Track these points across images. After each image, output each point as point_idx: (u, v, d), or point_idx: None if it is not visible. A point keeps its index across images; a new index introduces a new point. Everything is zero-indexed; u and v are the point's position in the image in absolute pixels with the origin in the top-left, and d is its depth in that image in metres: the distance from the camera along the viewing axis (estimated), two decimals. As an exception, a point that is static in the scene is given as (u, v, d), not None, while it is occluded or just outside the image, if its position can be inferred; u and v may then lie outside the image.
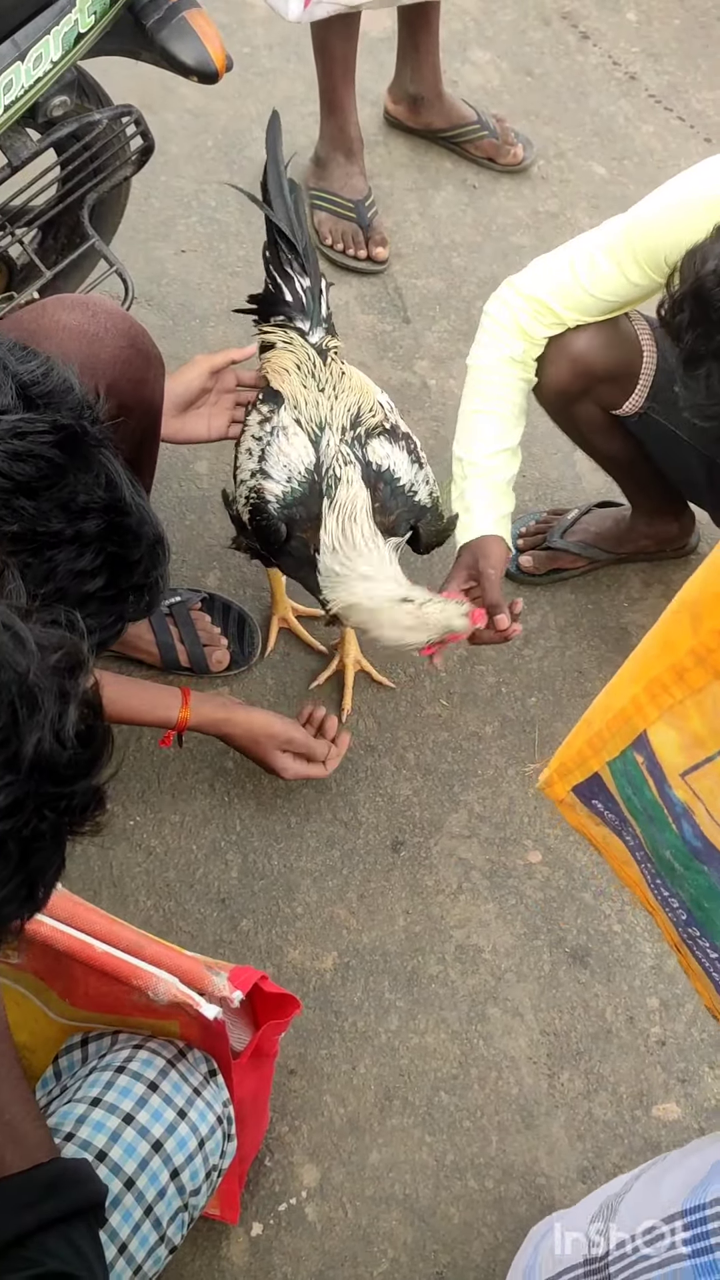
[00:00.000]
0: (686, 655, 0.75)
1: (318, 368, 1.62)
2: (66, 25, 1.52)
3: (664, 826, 0.87)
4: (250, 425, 1.61)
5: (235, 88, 2.53)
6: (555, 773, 1.00)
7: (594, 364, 1.64)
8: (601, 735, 0.89)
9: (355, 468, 1.52)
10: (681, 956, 1.02)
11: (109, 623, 0.98)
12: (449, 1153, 1.50)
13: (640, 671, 0.82)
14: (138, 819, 1.70)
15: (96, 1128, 1.02)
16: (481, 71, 2.70)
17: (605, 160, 2.60)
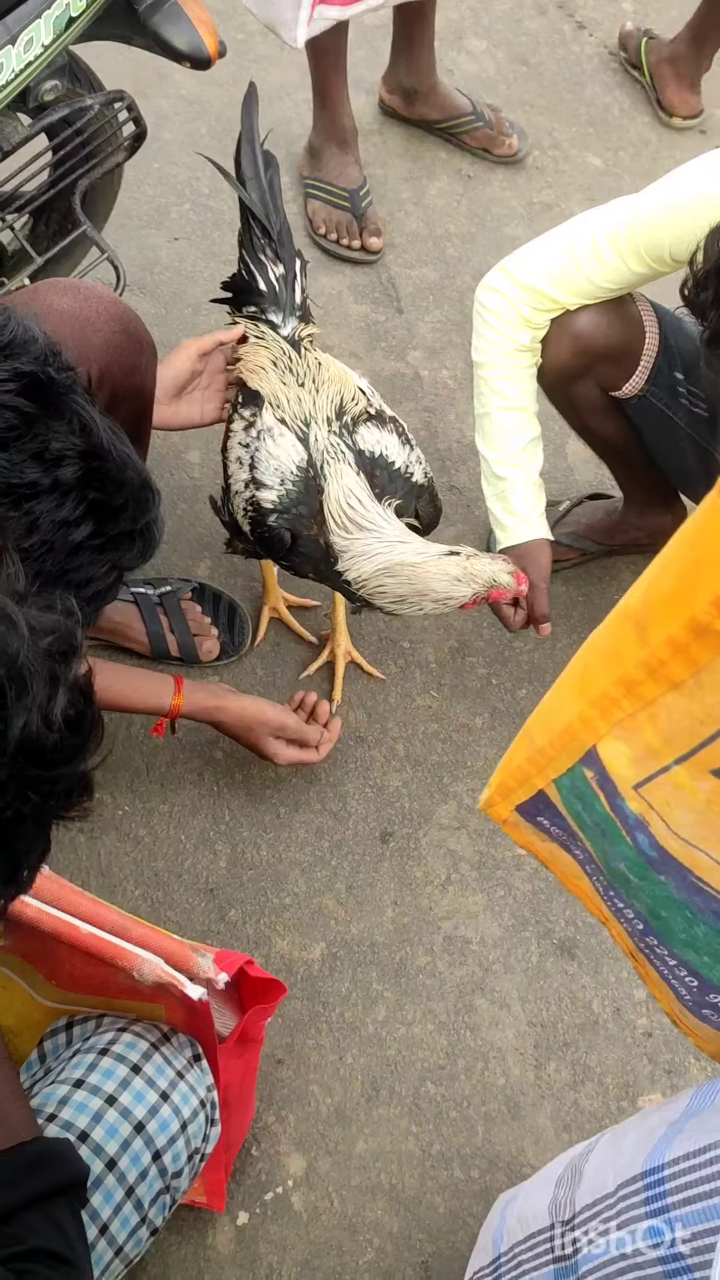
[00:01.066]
0: (636, 668, 0.71)
1: (294, 361, 1.59)
2: (58, 9, 1.50)
3: (617, 840, 0.85)
4: (235, 433, 1.59)
5: (229, 74, 2.51)
6: (496, 792, 0.97)
7: (595, 343, 1.63)
8: (545, 752, 0.86)
9: (348, 456, 1.52)
10: (637, 964, 1.01)
11: (103, 573, 0.97)
12: (435, 1143, 1.51)
13: (584, 685, 0.79)
14: (126, 808, 1.70)
15: (79, 1109, 1.02)
16: (477, 60, 2.69)
17: (600, 151, 2.59)
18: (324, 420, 1.54)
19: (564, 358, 1.65)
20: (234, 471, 1.58)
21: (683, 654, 0.67)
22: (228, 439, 1.61)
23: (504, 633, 1.92)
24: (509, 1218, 1.13)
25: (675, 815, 0.78)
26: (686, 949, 0.91)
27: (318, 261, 2.31)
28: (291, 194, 2.41)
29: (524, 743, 0.91)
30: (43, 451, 0.92)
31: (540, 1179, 1.14)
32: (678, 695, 0.70)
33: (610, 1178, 0.97)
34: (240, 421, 1.58)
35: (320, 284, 2.28)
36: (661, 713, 0.72)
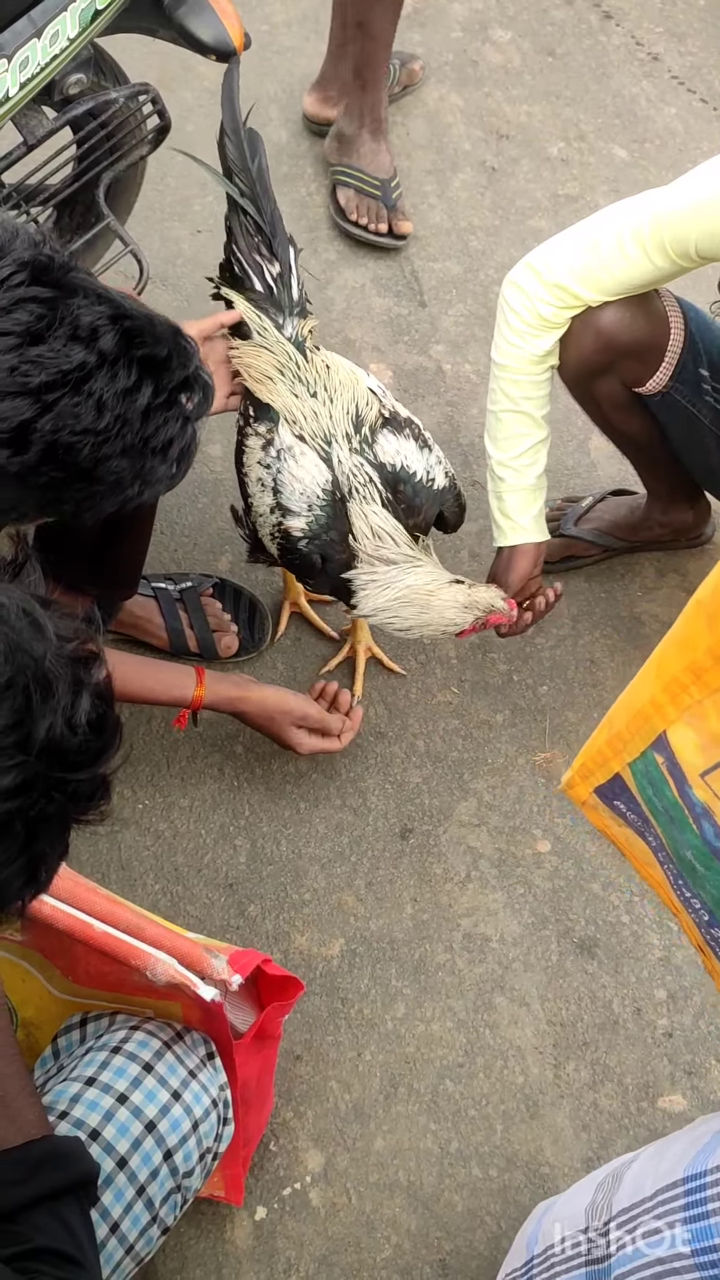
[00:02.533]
0: (704, 655, 0.74)
1: (301, 368, 1.55)
2: (84, 2, 1.50)
3: (685, 827, 0.86)
4: (251, 450, 1.56)
5: (253, 65, 2.50)
6: (577, 774, 1.00)
7: (619, 338, 1.62)
8: (622, 736, 0.88)
9: (374, 481, 1.50)
10: (706, 959, 1.01)
11: (180, 430, 1.02)
12: (453, 1140, 1.51)
13: (659, 671, 0.81)
14: (146, 803, 1.71)
15: (90, 1107, 1.02)
16: (502, 51, 2.66)
17: (627, 142, 2.56)
18: (343, 437, 1.52)
19: (587, 353, 1.64)
20: (256, 494, 1.56)
21: None
22: (243, 455, 1.58)
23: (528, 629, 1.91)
24: (545, 1222, 1.13)
25: None
26: None
27: (340, 254, 2.31)
28: (284, 173, 2.40)
29: (605, 727, 0.93)
30: (76, 331, 0.95)
31: (582, 1185, 1.14)
32: None
33: (650, 1183, 0.96)
34: (256, 439, 1.55)
35: (343, 277, 2.27)
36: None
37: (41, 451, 0.97)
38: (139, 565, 1.67)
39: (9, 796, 0.71)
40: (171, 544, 1.93)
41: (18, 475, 0.98)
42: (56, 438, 0.96)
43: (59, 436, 0.96)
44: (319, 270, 2.27)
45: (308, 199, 2.37)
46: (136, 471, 1.03)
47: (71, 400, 0.95)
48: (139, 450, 1.01)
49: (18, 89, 1.49)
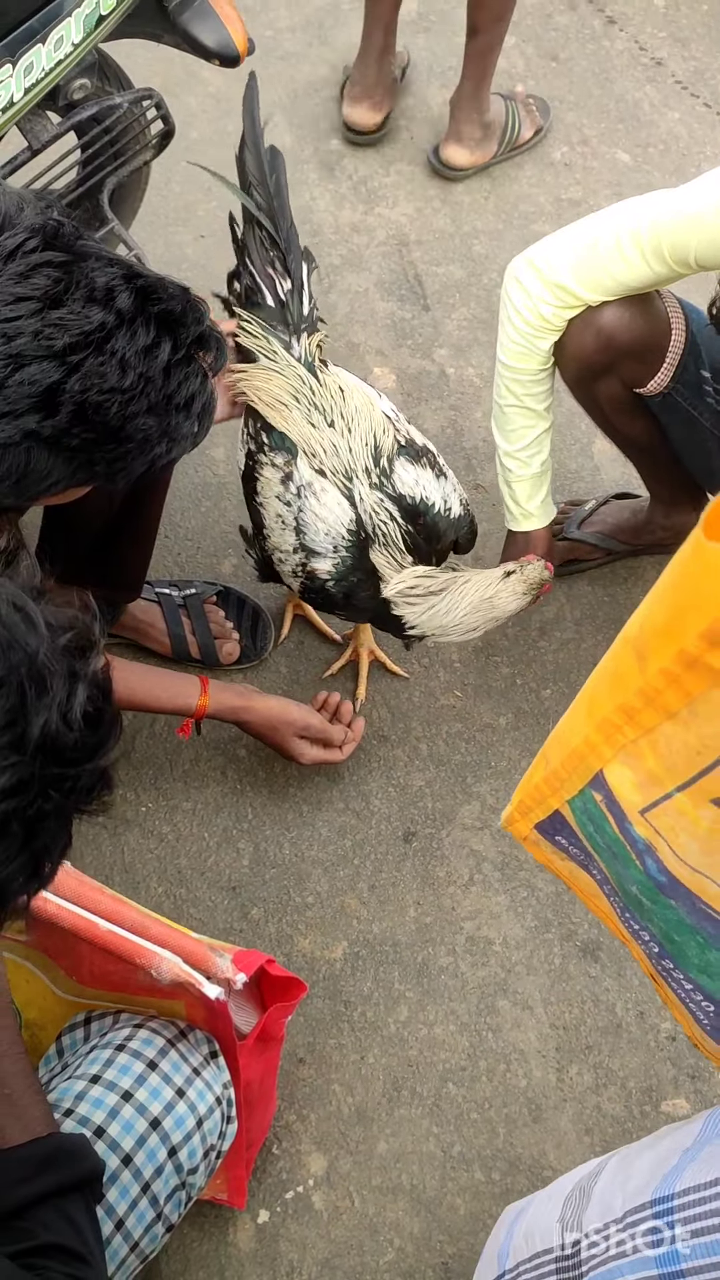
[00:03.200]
0: (635, 695, 0.71)
1: (316, 393, 1.53)
2: (88, 7, 1.50)
3: (628, 863, 0.85)
4: (268, 481, 1.54)
5: (257, 71, 2.50)
6: (516, 810, 0.98)
7: (620, 338, 1.62)
8: (559, 774, 0.87)
9: (393, 514, 1.50)
10: (659, 987, 1.01)
11: (200, 385, 1.04)
12: (456, 1144, 1.51)
13: (591, 709, 0.79)
14: (150, 805, 1.71)
15: (95, 1104, 1.02)
16: (506, 56, 2.67)
17: (630, 147, 2.57)
18: (364, 471, 1.51)
19: (588, 352, 1.64)
20: (275, 529, 1.54)
21: (676, 684, 0.67)
22: (257, 484, 1.56)
23: (528, 632, 1.92)
24: (516, 1233, 1.12)
25: (680, 842, 0.78)
26: (701, 974, 0.90)
27: (344, 259, 2.31)
28: (288, 178, 2.41)
29: (541, 763, 0.92)
30: (93, 292, 0.97)
31: (548, 1194, 1.13)
32: (674, 724, 0.70)
33: (619, 1202, 0.96)
34: (274, 470, 1.53)
35: (346, 281, 2.28)
36: (661, 740, 0.72)
37: (71, 413, 0.98)
38: (143, 568, 1.67)
39: (5, 797, 0.71)
40: (175, 547, 1.94)
41: (50, 440, 0.99)
42: (85, 398, 0.97)
43: (87, 397, 0.97)
44: (323, 274, 2.28)
45: (311, 204, 2.38)
46: (163, 429, 1.04)
47: (96, 360, 0.97)
48: (164, 407, 1.02)
49: (22, 94, 1.50)
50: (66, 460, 1.02)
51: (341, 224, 2.35)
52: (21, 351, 0.95)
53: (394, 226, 2.37)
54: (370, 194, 2.40)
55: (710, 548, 0.62)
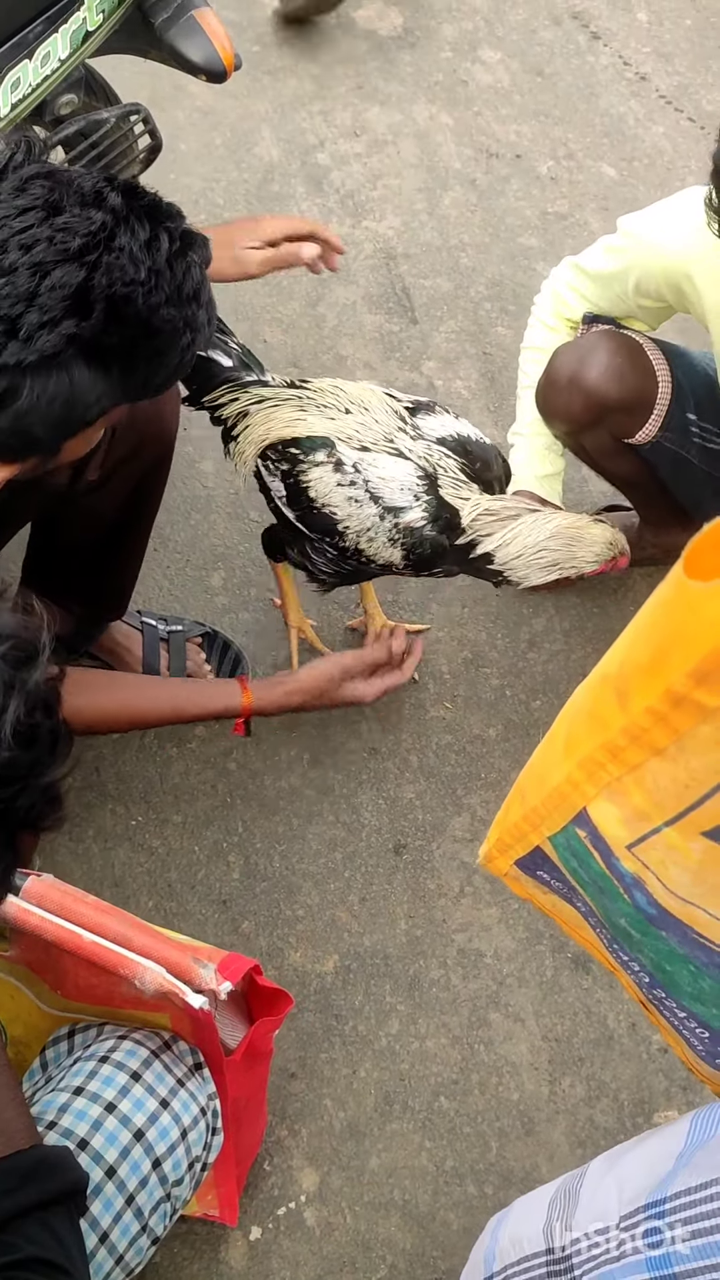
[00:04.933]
0: (619, 734, 0.71)
1: (317, 398, 1.55)
2: (75, 23, 1.51)
3: (615, 897, 0.85)
4: (322, 480, 1.51)
5: (244, 86, 2.52)
6: (495, 848, 0.97)
7: (607, 397, 1.65)
8: (538, 811, 0.86)
9: (447, 453, 1.51)
10: (649, 1014, 1.01)
11: (201, 277, 1.08)
12: (449, 1158, 1.50)
13: (570, 748, 0.78)
14: (139, 819, 1.70)
15: (78, 1116, 1.01)
16: (492, 71, 2.69)
17: (615, 161, 2.58)
18: (399, 430, 1.52)
19: (575, 412, 1.67)
20: (353, 514, 1.51)
21: (663, 722, 0.67)
22: (311, 495, 1.53)
23: (518, 643, 1.92)
24: (501, 1237, 1.12)
25: (671, 874, 0.77)
26: (694, 1002, 0.90)
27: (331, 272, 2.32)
28: (275, 191, 2.42)
29: (517, 800, 0.91)
30: (84, 197, 1.00)
31: (534, 1198, 1.12)
32: (661, 761, 0.70)
33: (613, 1207, 0.95)
34: (321, 468, 1.51)
35: (334, 294, 2.28)
36: (648, 777, 0.72)
37: (104, 311, 1.00)
38: (129, 587, 1.67)
39: None
40: (165, 560, 1.93)
41: (90, 346, 1.00)
42: (112, 292, 1.00)
43: (114, 291, 1.00)
44: (310, 288, 2.28)
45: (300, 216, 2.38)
46: (186, 319, 1.06)
47: (110, 256, 0.99)
48: (178, 298, 1.05)
49: (9, 109, 1.50)
50: (107, 371, 1.03)
51: (329, 237, 2.36)
52: (43, 260, 0.97)
53: (381, 240, 2.38)
54: (357, 207, 2.41)
55: (692, 587, 0.62)
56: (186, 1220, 1.40)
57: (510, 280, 2.35)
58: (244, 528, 1.98)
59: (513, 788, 0.91)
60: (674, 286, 1.57)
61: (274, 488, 1.59)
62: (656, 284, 1.59)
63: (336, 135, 2.51)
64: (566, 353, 1.68)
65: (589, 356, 1.65)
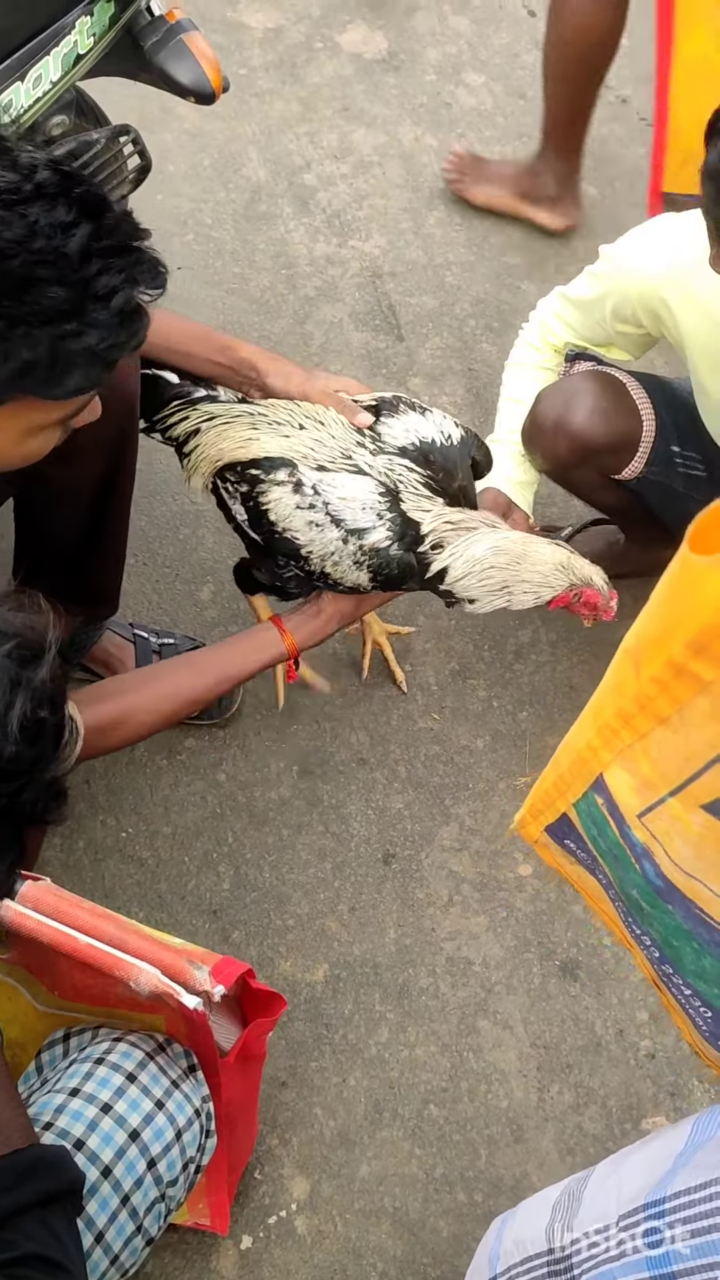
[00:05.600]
0: (631, 701, 0.75)
1: (270, 414, 1.49)
2: (66, 46, 1.54)
3: (628, 867, 0.87)
4: (281, 503, 1.47)
5: (232, 108, 2.56)
6: (528, 813, 1.01)
7: (593, 441, 1.67)
8: (565, 778, 0.89)
9: (408, 466, 1.47)
10: (662, 994, 1.03)
11: (122, 282, 1.02)
12: (439, 1166, 1.51)
13: (595, 715, 0.82)
14: (130, 831, 1.71)
15: (74, 1117, 1.02)
16: (475, 94, 2.73)
17: (598, 181, 2.62)
18: (357, 446, 1.48)
19: (561, 455, 1.69)
20: (314, 539, 1.47)
21: (667, 691, 0.70)
22: (271, 516, 1.48)
23: (504, 655, 1.94)
24: (505, 1238, 1.13)
25: (675, 846, 0.80)
26: (697, 979, 0.92)
27: (318, 290, 2.35)
28: (261, 211, 2.44)
29: (553, 768, 0.94)
30: (14, 162, 0.97)
31: (538, 1201, 1.14)
32: (665, 730, 0.72)
33: (613, 1207, 0.97)
34: (280, 488, 1.47)
35: (322, 312, 2.31)
36: (654, 746, 0.75)
37: None
38: (117, 579, 1.67)
39: None
40: (154, 574, 1.95)
41: None
42: None
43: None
44: (298, 306, 2.31)
45: (286, 236, 2.41)
46: (75, 307, 1.01)
47: (2, 211, 0.97)
48: (78, 288, 1.01)
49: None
50: None
51: (316, 256, 2.39)
52: None
53: (368, 259, 2.41)
54: (344, 227, 2.45)
55: (694, 560, 0.64)
56: (178, 1230, 1.40)
57: (494, 298, 2.39)
58: (233, 542, 1.99)
59: (552, 758, 0.95)
60: (650, 311, 1.60)
61: (234, 509, 1.55)
62: (633, 308, 1.61)
63: (323, 156, 2.55)
64: (551, 396, 1.69)
65: (574, 400, 1.66)
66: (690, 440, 1.72)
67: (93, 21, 1.56)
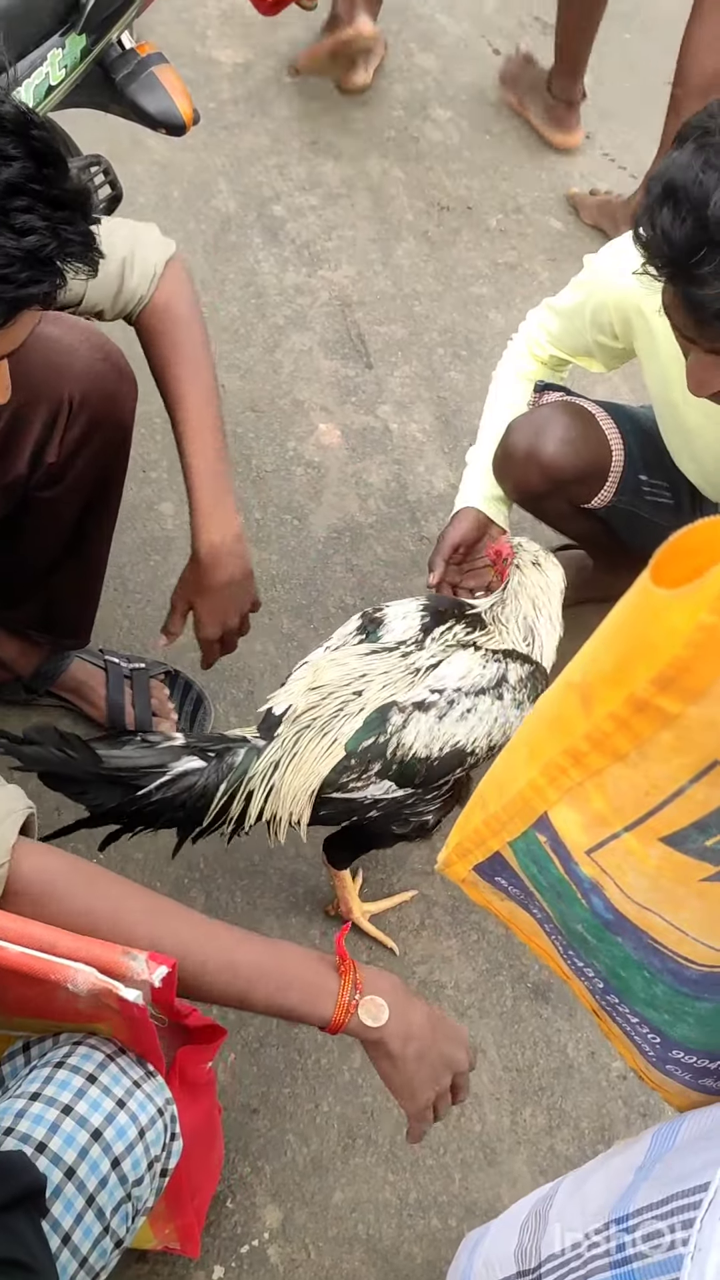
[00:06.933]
0: (582, 740, 0.72)
1: (317, 712, 1.40)
2: (39, 78, 1.55)
3: (573, 902, 0.86)
4: (421, 736, 1.37)
5: (202, 140, 2.59)
6: (454, 853, 0.97)
7: (564, 471, 1.69)
8: (499, 817, 0.86)
9: (440, 631, 1.46)
10: (601, 1021, 1.02)
11: (44, 229, 0.97)
12: (412, 1191, 1.50)
13: (533, 753, 0.79)
14: (101, 857, 1.70)
15: (35, 1120, 1.01)
16: (442, 129, 2.78)
17: (562, 214, 2.68)
18: (400, 661, 1.42)
19: (533, 485, 1.71)
20: (473, 728, 1.40)
21: (625, 728, 0.68)
22: (414, 756, 1.37)
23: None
24: (476, 1261, 1.12)
25: (628, 879, 0.78)
26: (647, 1008, 0.91)
27: (288, 319, 2.37)
28: (231, 241, 2.47)
29: (478, 806, 0.91)
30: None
31: (506, 1221, 1.13)
32: (623, 766, 0.70)
33: (579, 1225, 0.96)
34: (410, 726, 1.37)
35: (291, 340, 2.33)
36: (609, 782, 0.73)
37: None
38: (90, 613, 1.68)
39: None
40: (124, 601, 1.95)
41: None
42: None
43: None
44: (267, 334, 2.33)
45: (256, 266, 2.44)
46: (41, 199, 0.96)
47: None
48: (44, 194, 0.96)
49: (-27, 160, 1.53)
50: None
51: (286, 285, 2.42)
52: None
53: (337, 288, 2.44)
54: (313, 257, 2.48)
55: (657, 594, 0.63)
56: (148, 1259, 1.38)
57: (462, 327, 2.42)
58: (204, 567, 2.00)
59: (473, 795, 0.92)
60: (624, 320, 1.62)
61: (369, 794, 1.40)
62: (609, 315, 1.63)
63: (292, 188, 2.58)
64: (522, 427, 1.70)
65: (544, 430, 1.68)
66: (657, 470, 1.75)
67: (65, 54, 1.58)
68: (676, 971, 0.84)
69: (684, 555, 0.64)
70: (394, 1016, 1.11)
